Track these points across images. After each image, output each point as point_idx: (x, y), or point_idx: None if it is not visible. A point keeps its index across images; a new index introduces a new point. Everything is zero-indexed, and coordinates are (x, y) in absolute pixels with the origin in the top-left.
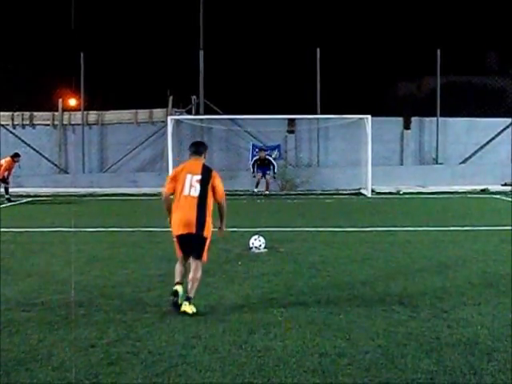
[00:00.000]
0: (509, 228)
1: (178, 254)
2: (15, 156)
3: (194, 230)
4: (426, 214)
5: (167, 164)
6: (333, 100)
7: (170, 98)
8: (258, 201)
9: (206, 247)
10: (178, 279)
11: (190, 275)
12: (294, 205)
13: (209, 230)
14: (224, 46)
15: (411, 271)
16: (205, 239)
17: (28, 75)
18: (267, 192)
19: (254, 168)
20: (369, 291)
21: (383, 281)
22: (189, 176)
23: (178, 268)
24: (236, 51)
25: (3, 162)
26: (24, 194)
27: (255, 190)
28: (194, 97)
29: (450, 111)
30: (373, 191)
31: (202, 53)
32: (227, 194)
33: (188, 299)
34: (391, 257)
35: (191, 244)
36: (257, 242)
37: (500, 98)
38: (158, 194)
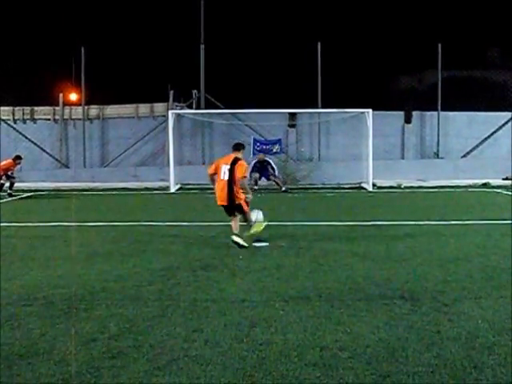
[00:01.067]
0: (509, 222)
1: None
2: (17, 158)
3: (226, 203)
4: (427, 208)
5: (168, 158)
6: (334, 94)
7: (171, 93)
8: (259, 195)
9: (244, 207)
10: (234, 231)
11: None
12: (295, 199)
13: (239, 199)
14: (225, 40)
15: (412, 265)
16: (239, 205)
17: (29, 70)
18: (284, 188)
19: (252, 171)
20: (370, 285)
21: (384, 274)
22: (223, 166)
23: (233, 223)
24: (237, 45)
25: (4, 162)
26: (25, 188)
27: (255, 187)
28: (194, 91)
29: (451, 105)
30: (374, 185)
31: (202, 47)
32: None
33: (235, 235)
34: (392, 251)
35: (232, 210)
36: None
37: (501, 92)
38: (159, 189)
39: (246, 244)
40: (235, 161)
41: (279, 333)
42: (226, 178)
